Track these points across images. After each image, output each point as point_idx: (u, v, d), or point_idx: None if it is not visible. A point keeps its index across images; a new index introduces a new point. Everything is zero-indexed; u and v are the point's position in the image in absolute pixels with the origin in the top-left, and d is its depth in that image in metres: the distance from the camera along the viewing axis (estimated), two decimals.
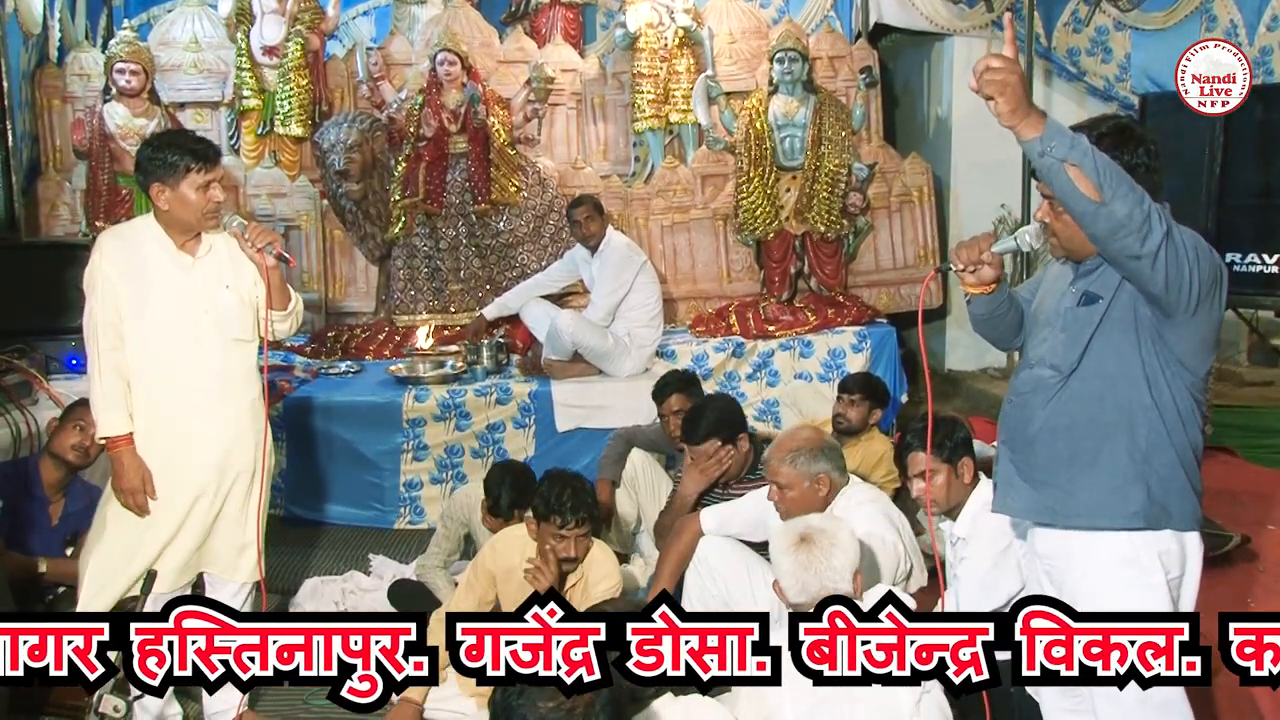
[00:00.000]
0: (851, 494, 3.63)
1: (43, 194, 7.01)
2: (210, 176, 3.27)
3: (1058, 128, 2.26)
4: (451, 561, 4.67)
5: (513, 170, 6.73)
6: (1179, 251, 2.35)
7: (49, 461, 4.05)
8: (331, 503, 5.73)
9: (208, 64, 7.32)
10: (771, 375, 6.40)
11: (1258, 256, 5.93)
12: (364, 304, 7.13)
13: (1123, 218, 2.26)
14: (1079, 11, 7.57)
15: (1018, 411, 2.69)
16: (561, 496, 3.52)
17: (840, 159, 6.64)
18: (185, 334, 3.30)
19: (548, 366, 5.93)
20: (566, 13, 7.71)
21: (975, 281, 2.68)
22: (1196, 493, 2.58)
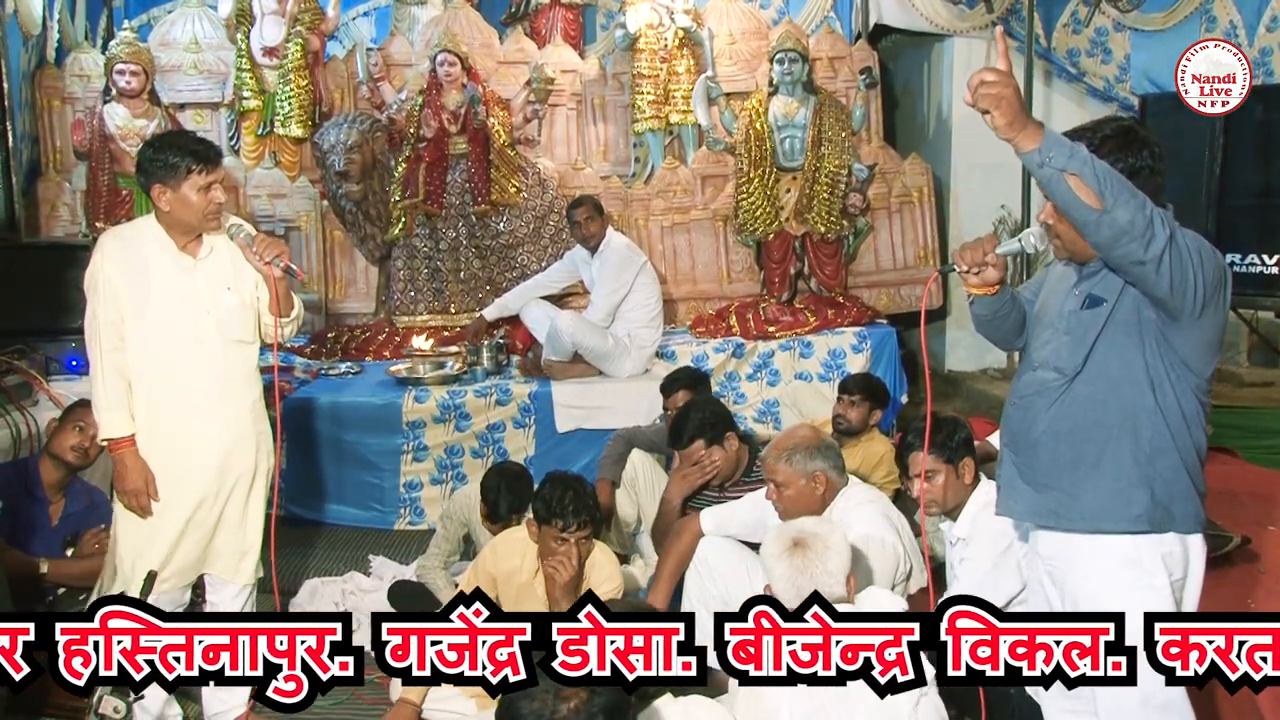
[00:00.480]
0: (851, 495, 3.63)
1: (43, 195, 7.01)
2: (212, 178, 3.27)
3: (1056, 138, 2.26)
4: (452, 562, 4.67)
5: (513, 171, 6.73)
6: (1183, 255, 2.35)
7: (48, 462, 4.06)
8: (331, 503, 5.73)
9: (208, 65, 7.32)
10: (772, 376, 6.40)
11: (1258, 257, 5.92)
12: (364, 305, 7.13)
13: (1125, 224, 2.26)
14: (1079, 12, 7.56)
15: (1020, 414, 2.69)
16: (563, 500, 3.51)
17: (840, 160, 6.64)
18: (186, 335, 3.30)
19: (548, 367, 5.93)
20: (566, 14, 7.71)
21: (979, 283, 2.68)
22: (1200, 495, 2.58)
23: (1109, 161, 2.40)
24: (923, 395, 7.13)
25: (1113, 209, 2.24)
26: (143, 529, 3.31)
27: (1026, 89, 6.61)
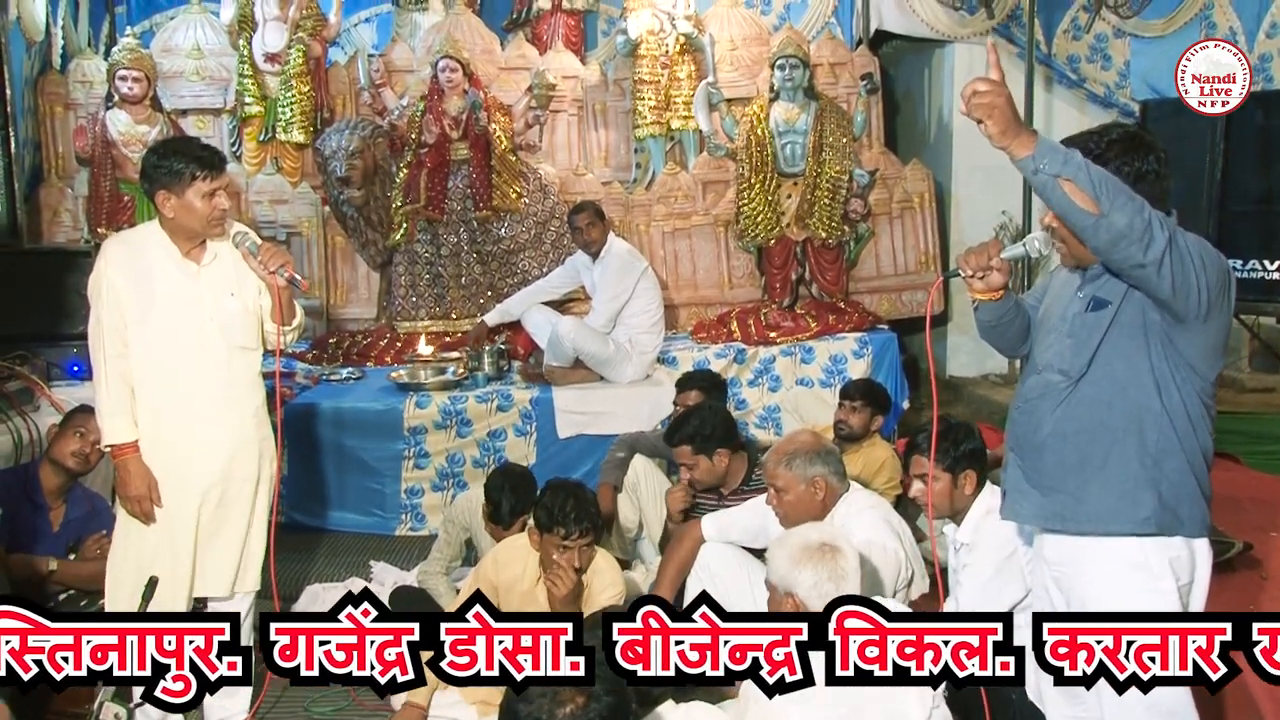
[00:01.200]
0: (852, 500, 3.63)
1: (45, 200, 7.02)
2: (216, 184, 3.27)
3: (1049, 145, 2.29)
4: (453, 568, 4.66)
5: (514, 177, 6.73)
6: (1184, 258, 2.35)
7: (49, 468, 4.05)
8: (332, 509, 5.72)
9: (210, 71, 7.34)
10: (773, 381, 6.40)
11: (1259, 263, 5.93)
12: (365, 310, 7.14)
13: (1123, 228, 2.27)
14: (1079, 19, 7.58)
15: (1026, 417, 2.69)
16: (565, 507, 3.50)
17: (841, 165, 6.65)
18: (190, 341, 3.31)
19: (549, 373, 5.93)
20: (568, 19, 7.73)
21: (983, 288, 2.69)
22: (1206, 498, 2.58)
23: (1114, 166, 2.42)
24: (924, 401, 7.16)
25: (1109, 213, 2.25)
26: (145, 535, 3.31)
27: (1027, 95, 6.63)
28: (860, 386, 5.16)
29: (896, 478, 4.79)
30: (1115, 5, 7.10)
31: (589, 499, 3.61)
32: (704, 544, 3.85)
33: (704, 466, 4.16)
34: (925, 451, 3.40)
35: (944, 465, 3.40)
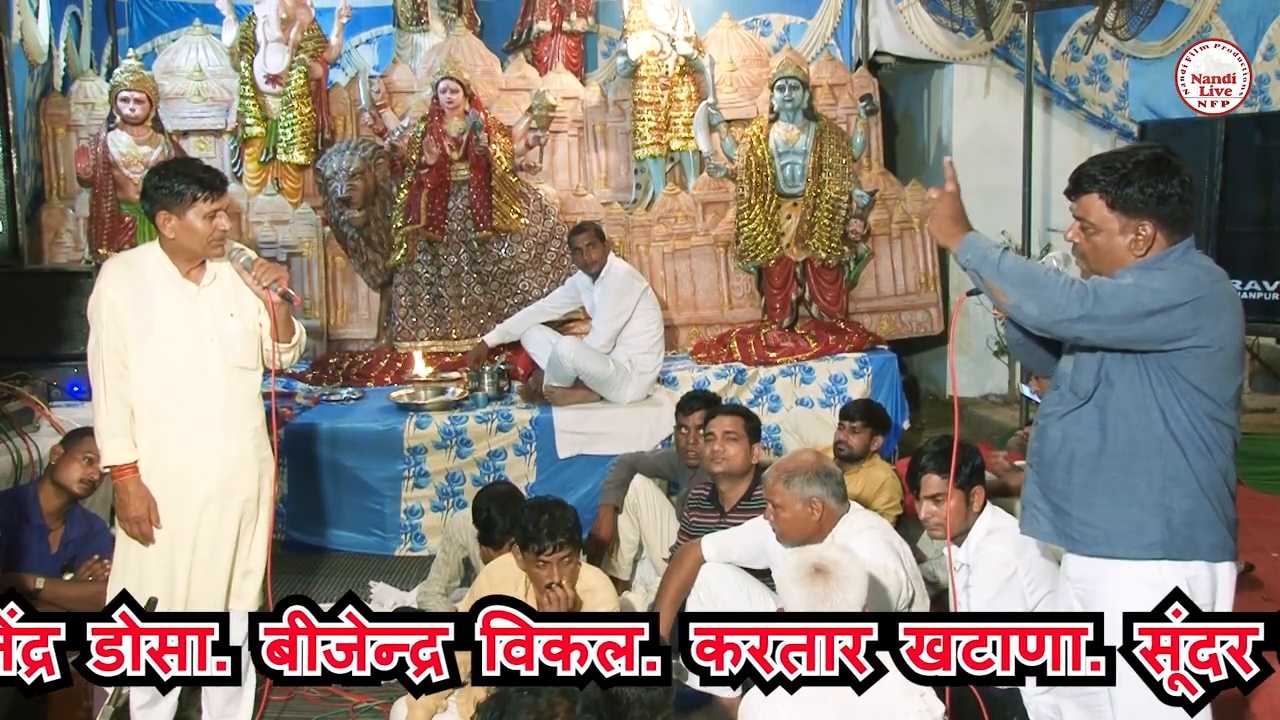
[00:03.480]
0: (853, 521, 3.62)
1: (46, 221, 7.04)
2: (217, 205, 3.28)
3: (971, 242, 2.59)
4: (453, 588, 4.66)
5: (514, 197, 6.75)
6: (1126, 316, 2.44)
7: (50, 489, 4.01)
8: (332, 529, 5.72)
9: (211, 92, 7.38)
10: (773, 401, 6.40)
11: (1258, 283, 5.94)
12: (366, 331, 7.14)
13: (1035, 315, 2.50)
14: (1077, 40, 7.62)
15: (1042, 432, 2.73)
16: (539, 523, 3.49)
17: (841, 186, 6.66)
18: (190, 362, 3.30)
19: (549, 393, 5.93)
20: (568, 41, 7.76)
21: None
22: (1228, 522, 2.57)
23: (1138, 187, 2.49)
24: (924, 421, 7.17)
25: (1020, 304, 2.50)
26: (145, 556, 3.30)
27: (1026, 116, 6.65)
28: (859, 407, 5.15)
29: (897, 498, 4.78)
30: (1114, 27, 7.13)
31: (566, 515, 3.56)
32: (704, 564, 3.84)
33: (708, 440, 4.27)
34: (933, 472, 3.40)
35: (957, 483, 3.39)
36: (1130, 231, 2.53)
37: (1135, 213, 2.52)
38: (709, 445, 4.22)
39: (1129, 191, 2.52)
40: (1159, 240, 2.53)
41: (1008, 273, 2.51)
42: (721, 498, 4.26)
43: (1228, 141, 5.89)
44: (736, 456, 4.17)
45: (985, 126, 7.65)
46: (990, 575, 3.29)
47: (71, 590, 3.87)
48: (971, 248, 2.57)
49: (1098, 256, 2.59)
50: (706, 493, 4.36)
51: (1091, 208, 2.57)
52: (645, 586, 4.77)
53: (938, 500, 3.42)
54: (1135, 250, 2.54)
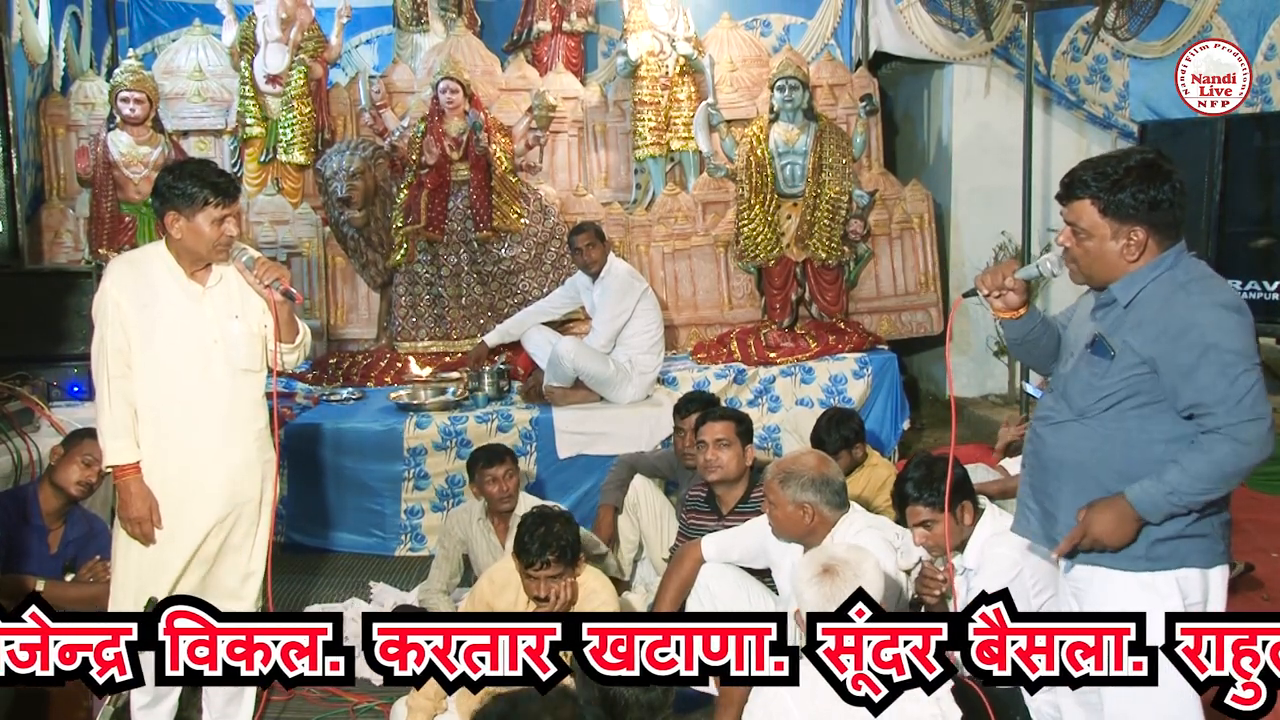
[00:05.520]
0: (852, 521, 3.62)
1: (46, 222, 7.03)
2: (227, 211, 3.27)
3: (1146, 509, 2.47)
4: (454, 585, 4.68)
5: (514, 197, 6.75)
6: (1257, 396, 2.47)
7: (49, 490, 4.01)
8: (333, 530, 5.72)
9: (211, 92, 7.38)
10: (773, 401, 6.40)
11: (1258, 284, 5.94)
12: (366, 331, 7.14)
13: (1249, 468, 2.52)
14: (1078, 40, 7.61)
15: (1036, 434, 2.74)
16: (533, 535, 3.49)
17: (841, 186, 6.66)
18: (194, 363, 3.30)
19: (549, 393, 5.93)
20: (568, 41, 7.76)
21: (1002, 306, 2.73)
22: (1218, 530, 2.57)
23: (1130, 192, 2.48)
24: (924, 421, 7.16)
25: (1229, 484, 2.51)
26: (146, 556, 3.31)
27: (1026, 117, 6.65)
28: (823, 433, 4.91)
29: None
30: (1114, 27, 7.12)
31: (564, 532, 3.54)
32: (704, 564, 3.84)
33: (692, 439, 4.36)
34: (917, 502, 3.42)
35: (939, 506, 3.38)
36: (1122, 237, 2.53)
37: (1127, 219, 2.51)
38: (701, 454, 4.20)
39: (1121, 197, 2.51)
40: (1150, 246, 2.53)
41: (1197, 491, 2.46)
42: (719, 501, 4.26)
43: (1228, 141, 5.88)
44: (730, 463, 4.16)
45: (985, 126, 7.65)
46: (995, 577, 3.28)
47: (72, 591, 3.87)
48: (1154, 512, 2.48)
49: (1089, 261, 2.58)
50: (704, 495, 4.35)
51: (1083, 213, 2.56)
52: (645, 586, 4.78)
53: (927, 525, 3.42)
54: (1127, 256, 2.53)
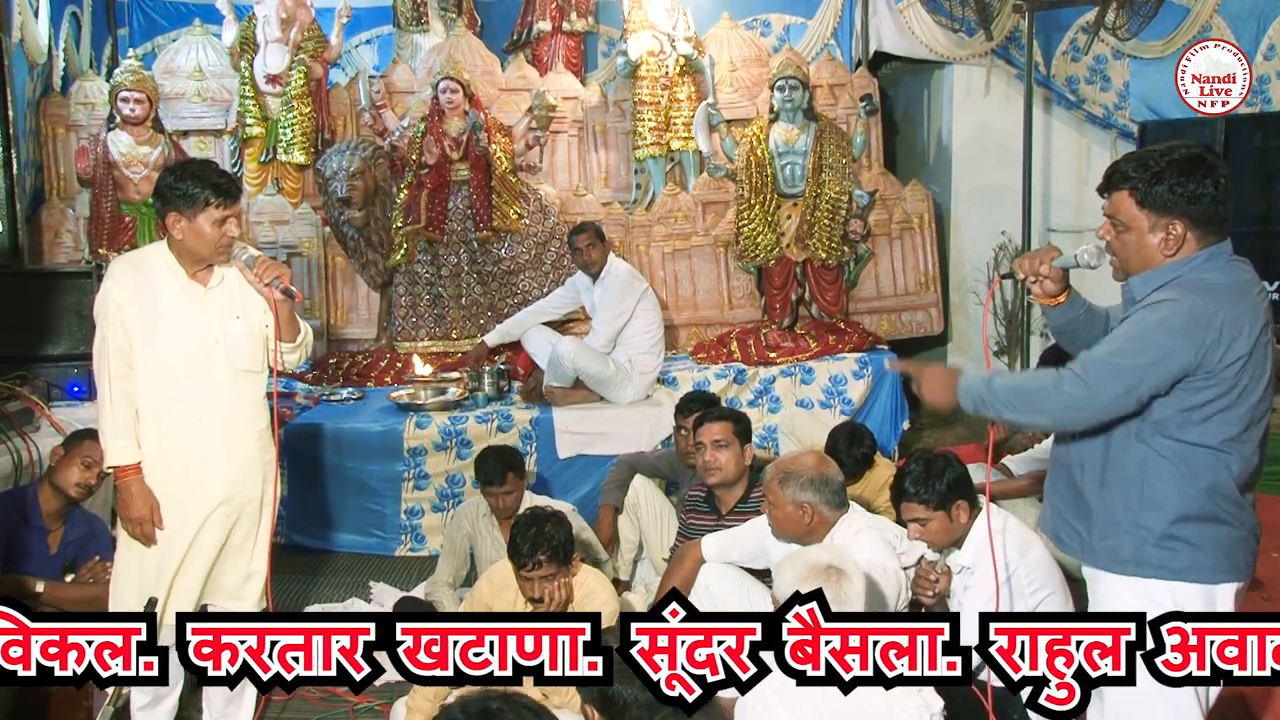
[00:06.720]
0: (852, 521, 3.62)
1: (46, 222, 7.03)
2: (228, 212, 3.27)
3: (965, 390, 2.63)
4: (459, 579, 4.69)
5: (514, 197, 6.75)
6: (1134, 383, 2.42)
7: (49, 491, 4.00)
8: (333, 530, 5.72)
9: (211, 92, 7.39)
10: (773, 402, 6.40)
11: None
12: (366, 331, 7.14)
13: (1050, 424, 2.64)
14: (1078, 40, 7.61)
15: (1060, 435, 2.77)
16: (525, 535, 3.50)
17: (841, 186, 6.66)
18: (195, 363, 3.30)
19: (549, 393, 5.93)
20: (568, 41, 7.76)
21: (1039, 293, 2.74)
22: (1222, 543, 2.49)
23: (1169, 184, 2.44)
24: (924, 421, 7.15)
25: (1032, 421, 2.67)
26: (146, 556, 3.30)
27: (1026, 116, 6.65)
28: (842, 454, 4.84)
29: None
30: (1114, 27, 7.12)
31: (556, 533, 3.53)
32: (704, 564, 3.84)
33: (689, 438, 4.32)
34: (910, 497, 3.41)
35: (933, 504, 3.37)
36: (1160, 230, 2.47)
37: (1165, 211, 2.45)
38: (700, 456, 4.19)
39: (1159, 189, 2.45)
40: (1190, 240, 2.46)
41: (1004, 400, 2.55)
42: (718, 501, 4.25)
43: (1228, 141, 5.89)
44: (729, 464, 4.15)
45: (985, 126, 7.65)
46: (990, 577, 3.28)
47: (72, 592, 3.87)
48: (966, 396, 2.60)
49: (1127, 255, 2.53)
50: (703, 495, 4.35)
51: (1121, 205, 2.51)
52: (645, 586, 4.78)
53: (921, 522, 3.42)
54: (1165, 250, 2.47)
